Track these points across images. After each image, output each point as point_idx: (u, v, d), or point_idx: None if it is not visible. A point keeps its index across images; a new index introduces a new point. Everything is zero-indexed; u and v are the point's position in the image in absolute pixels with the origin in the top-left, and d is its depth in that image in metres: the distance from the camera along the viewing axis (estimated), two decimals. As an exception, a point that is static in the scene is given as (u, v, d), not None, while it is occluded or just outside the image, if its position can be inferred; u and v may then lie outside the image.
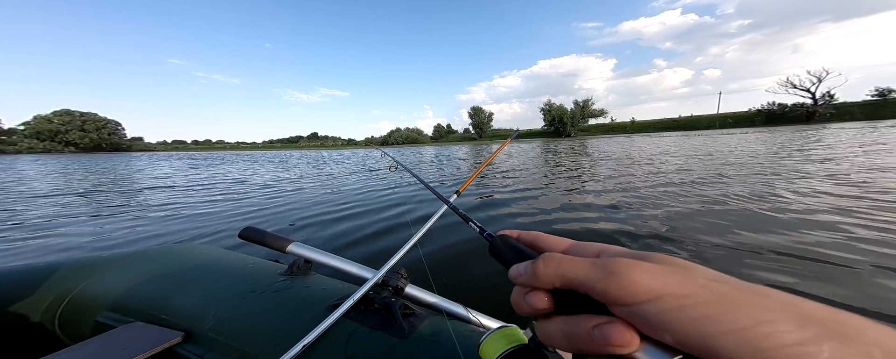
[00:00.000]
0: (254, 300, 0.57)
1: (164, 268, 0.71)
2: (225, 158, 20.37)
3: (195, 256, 0.78)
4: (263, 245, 0.64)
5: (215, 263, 0.74)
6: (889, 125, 16.77)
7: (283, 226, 2.77)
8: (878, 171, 3.82)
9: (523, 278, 0.20)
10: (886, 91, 37.32)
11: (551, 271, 0.18)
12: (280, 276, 0.65)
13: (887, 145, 6.63)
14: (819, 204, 2.54)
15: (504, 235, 0.25)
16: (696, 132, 29.01)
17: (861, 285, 1.32)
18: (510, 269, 0.21)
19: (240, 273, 0.68)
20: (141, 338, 0.52)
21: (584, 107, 52.62)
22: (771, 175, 3.92)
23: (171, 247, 0.85)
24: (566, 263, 0.18)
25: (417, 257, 1.71)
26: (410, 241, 0.60)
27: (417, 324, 0.48)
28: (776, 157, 5.71)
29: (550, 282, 0.18)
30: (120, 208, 3.77)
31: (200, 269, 0.71)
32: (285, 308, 0.54)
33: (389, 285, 0.53)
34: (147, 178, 7.41)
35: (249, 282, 0.63)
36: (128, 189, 5.49)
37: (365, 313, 0.50)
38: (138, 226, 2.91)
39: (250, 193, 4.69)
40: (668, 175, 4.48)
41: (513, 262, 0.21)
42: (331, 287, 0.61)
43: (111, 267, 0.74)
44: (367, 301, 0.51)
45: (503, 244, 0.24)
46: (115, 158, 24.92)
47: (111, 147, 68.26)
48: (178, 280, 0.66)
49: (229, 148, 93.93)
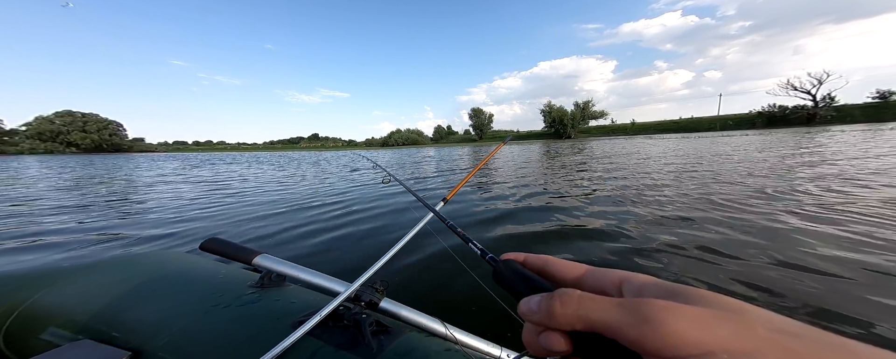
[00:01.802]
0: (217, 315, 0.53)
1: (125, 278, 0.66)
2: (210, 158, 20.33)
3: (160, 264, 0.73)
4: (227, 257, 0.60)
5: (182, 272, 0.69)
6: (892, 128, 16.65)
7: (264, 230, 2.68)
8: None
9: (537, 316, 0.17)
10: (888, 93, 37.15)
11: (570, 312, 0.16)
12: (249, 287, 0.61)
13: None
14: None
15: (509, 260, 0.22)
16: (696, 134, 28.95)
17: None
18: (520, 303, 0.18)
19: (207, 284, 0.63)
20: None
21: (584, 108, 52.57)
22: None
23: (136, 255, 0.80)
24: (588, 303, 0.16)
25: (398, 269, 1.64)
26: (389, 252, 0.57)
27: (389, 342, 0.45)
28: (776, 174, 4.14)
29: (569, 324, 0.16)
30: (90, 209, 3.70)
31: (164, 279, 0.66)
32: (249, 324, 0.51)
33: (362, 299, 0.51)
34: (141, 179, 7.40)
35: (216, 294, 0.59)
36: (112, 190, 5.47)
37: (332, 331, 0.47)
38: (108, 229, 2.80)
39: (233, 195, 4.66)
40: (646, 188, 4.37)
41: (521, 292, 0.19)
42: (303, 301, 0.57)
43: (67, 277, 0.68)
44: (335, 317, 0.48)
45: (509, 271, 0.21)
46: (115, 158, 24.83)
47: (112, 148, 68.43)
48: (138, 292, 0.61)
49: (230, 148, 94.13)
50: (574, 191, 3.88)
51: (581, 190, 3.89)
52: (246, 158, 22.41)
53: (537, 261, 0.22)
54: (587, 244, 2.05)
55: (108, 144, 68.03)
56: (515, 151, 14.87)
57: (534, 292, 0.18)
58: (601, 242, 2.07)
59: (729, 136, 19.49)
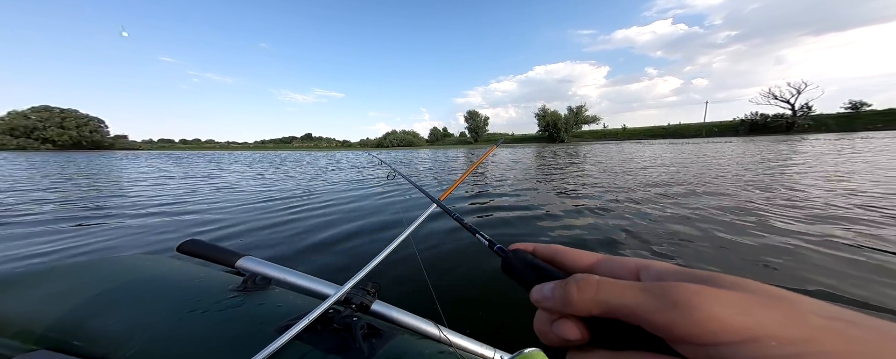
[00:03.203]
0: (193, 321, 0.49)
1: (87, 284, 0.59)
2: (194, 157, 19.53)
3: (128, 269, 0.66)
4: (208, 260, 0.56)
5: (154, 276, 0.63)
6: (862, 137, 17.59)
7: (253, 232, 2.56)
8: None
9: (551, 302, 0.16)
10: (859, 103, 39.46)
11: (588, 297, 0.15)
12: (231, 291, 0.56)
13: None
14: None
15: (518, 249, 0.22)
16: (684, 140, 29.95)
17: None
18: (532, 290, 0.18)
19: (183, 289, 0.58)
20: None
21: (577, 113, 53.73)
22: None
23: (99, 259, 0.73)
24: (608, 287, 0.15)
25: (395, 271, 1.59)
26: (382, 253, 0.54)
27: (380, 345, 0.43)
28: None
29: (587, 309, 0.15)
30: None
31: (135, 284, 0.60)
32: (230, 329, 0.47)
33: (353, 302, 0.48)
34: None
35: (193, 299, 0.54)
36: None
37: (321, 335, 0.44)
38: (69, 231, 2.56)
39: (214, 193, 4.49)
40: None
41: (532, 281, 0.19)
42: (289, 304, 0.53)
43: (19, 284, 0.60)
44: (324, 321, 0.46)
45: (519, 261, 0.21)
46: (87, 156, 23.23)
47: (92, 145, 65.66)
48: (105, 298, 0.55)
49: (219, 148, 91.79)
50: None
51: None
52: (228, 157, 21.41)
53: (547, 251, 0.21)
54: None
55: (87, 141, 65.30)
56: (507, 154, 14.93)
57: (545, 280, 0.18)
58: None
59: (714, 142, 20.22)
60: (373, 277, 0.53)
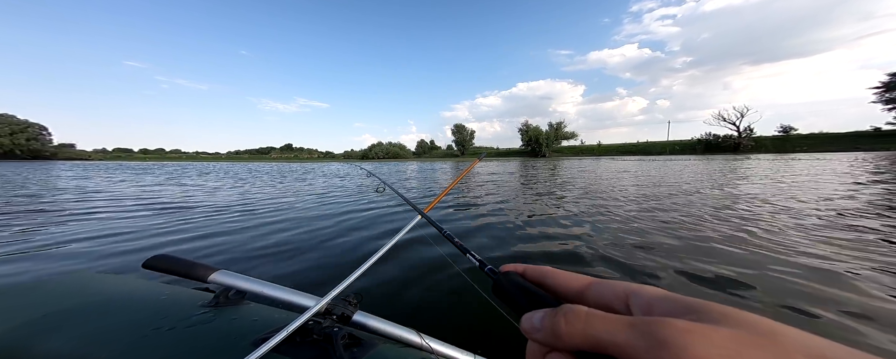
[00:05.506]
0: (158, 338, 0.45)
1: (34, 304, 0.54)
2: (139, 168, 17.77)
3: (85, 287, 0.61)
4: (178, 276, 0.53)
5: (113, 294, 0.58)
6: (793, 158, 20.26)
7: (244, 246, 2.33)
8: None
9: (540, 334, 0.16)
10: (788, 128, 46.15)
11: (576, 331, 0.15)
12: (201, 307, 0.52)
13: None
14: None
15: (509, 272, 0.21)
16: (651, 157, 32.73)
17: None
18: (522, 318, 0.17)
19: (145, 305, 0.54)
20: None
21: (557, 129, 56.91)
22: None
23: (46, 279, 0.66)
24: (596, 321, 0.14)
25: (380, 282, 1.59)
26: (365, 263, 0.53)
27: (361, 355, 0.43)
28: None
29: (575, 344, 0.15)
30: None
31: (89, 304, 0.54)
32: (200, 345, 0.44)
33: (334, 313, 0.47)
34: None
35: (157, 316, 0.50)
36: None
37: (300, 346, 0.43)
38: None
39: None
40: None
41: (523, 306, 0.18)
42: (266, 318, 0.50)
43: None
44: (304, 332, 0.44)
45: (510, 284, 0.20)
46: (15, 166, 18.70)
47: (30, 154, 58.76)
48: (52, 319, 0.49)
49: (185, 158, 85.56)
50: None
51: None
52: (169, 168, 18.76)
53: (536, 272, 0.21)
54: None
55: (22, 150, 58.34)
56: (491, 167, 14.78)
57: (536, 306, 0.18)
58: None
59: (677, 160, 22.12)
60: (355, 288, 0.52)
